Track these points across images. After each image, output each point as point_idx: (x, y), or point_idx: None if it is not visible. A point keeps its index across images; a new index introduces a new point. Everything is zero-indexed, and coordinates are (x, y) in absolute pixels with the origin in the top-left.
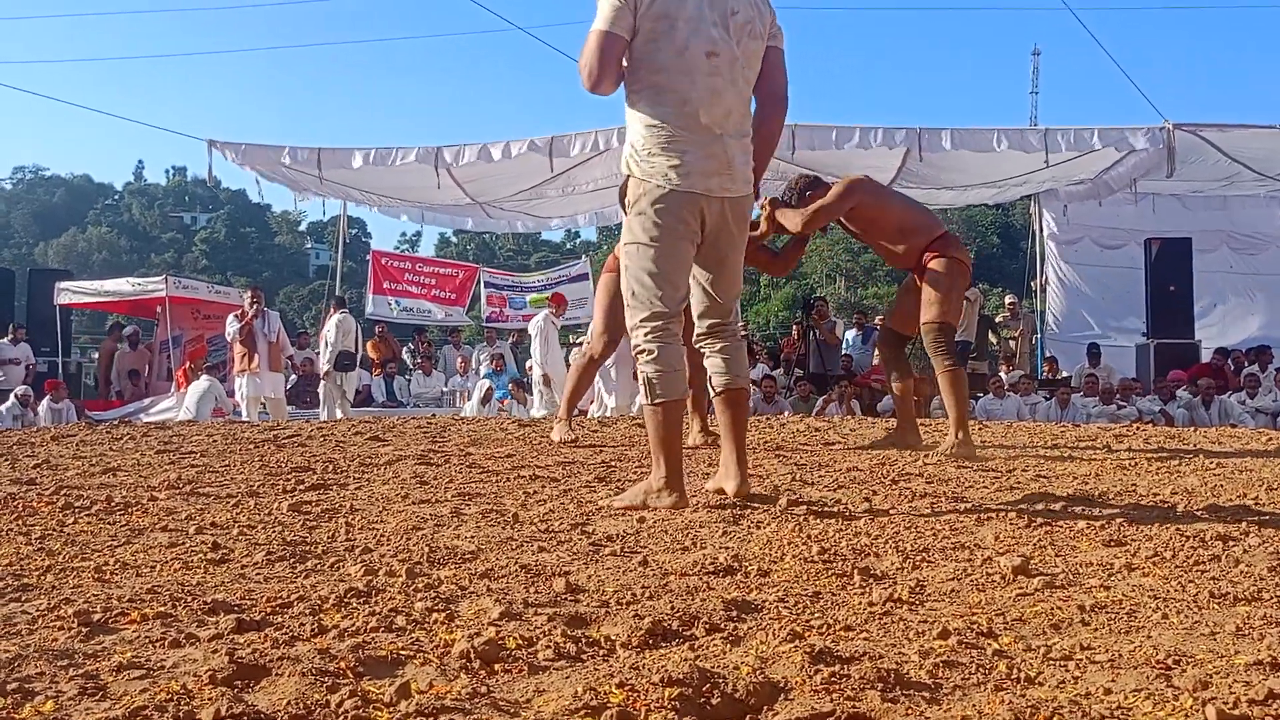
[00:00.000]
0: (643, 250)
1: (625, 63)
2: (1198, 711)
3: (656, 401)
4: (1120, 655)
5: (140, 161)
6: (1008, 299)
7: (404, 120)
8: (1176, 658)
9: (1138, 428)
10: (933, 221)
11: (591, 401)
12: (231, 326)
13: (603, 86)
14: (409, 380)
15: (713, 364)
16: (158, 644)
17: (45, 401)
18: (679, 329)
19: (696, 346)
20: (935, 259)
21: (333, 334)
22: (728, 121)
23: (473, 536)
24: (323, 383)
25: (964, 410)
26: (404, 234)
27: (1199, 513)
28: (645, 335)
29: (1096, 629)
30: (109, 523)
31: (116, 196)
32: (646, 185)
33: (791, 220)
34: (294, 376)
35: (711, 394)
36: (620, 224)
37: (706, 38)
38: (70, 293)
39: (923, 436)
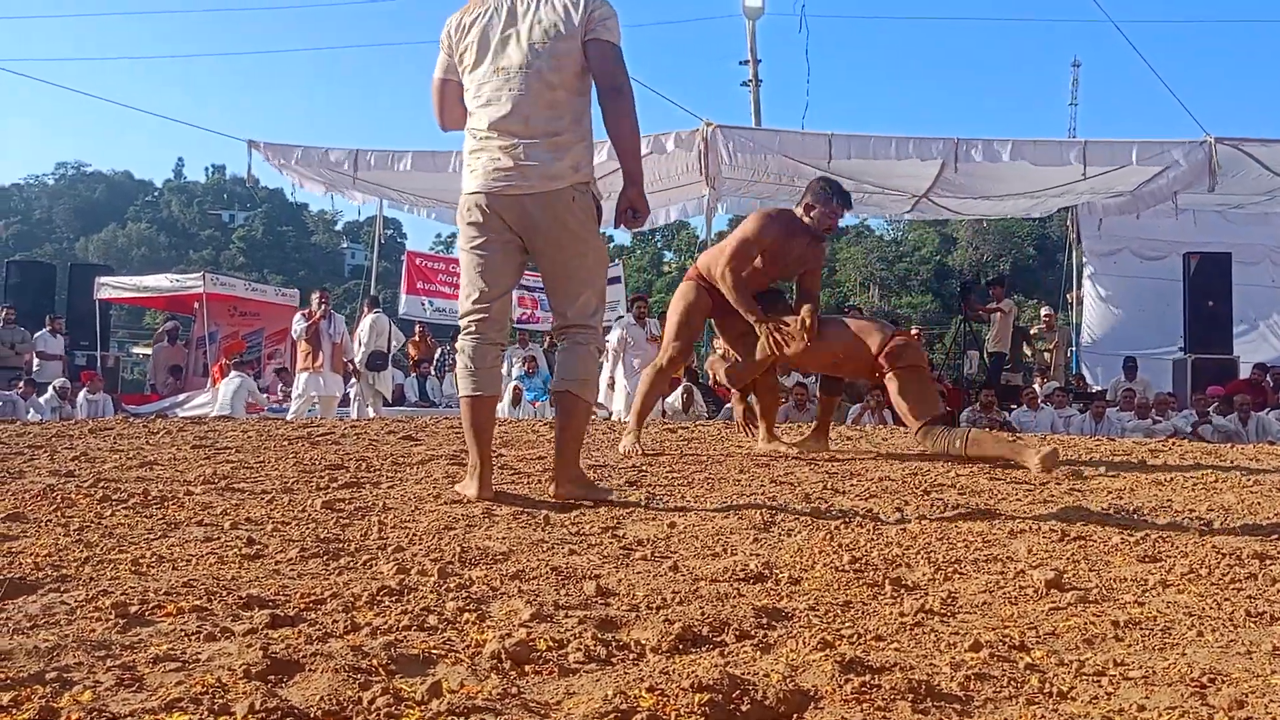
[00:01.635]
0: (459, 255)
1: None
2: None
3: (461, 396)
4: (1154, 672)
5: (180, 159)
6: (1044, 311)
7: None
8: (1211, 676)
9: (1174, 443)
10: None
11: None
12: (298, 325)
13: (442, 123)
14: (441, 381)
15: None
16: (193, 637)
17: (82, 393)
18: (490, 328)
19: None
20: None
21: (366, 334)
22: (525, 127)
23: (504, 537)
24: (356, 382)
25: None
26: (439, 235)
27: (1236, 530)
28: (460, 337)
29: (1130, 645)
30: (146, 516)
31: (156, 193)
32: (460, 197)
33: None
34: (353, 381)
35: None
36: (653, 230)
37: (496, 56)
38: (110, 288)
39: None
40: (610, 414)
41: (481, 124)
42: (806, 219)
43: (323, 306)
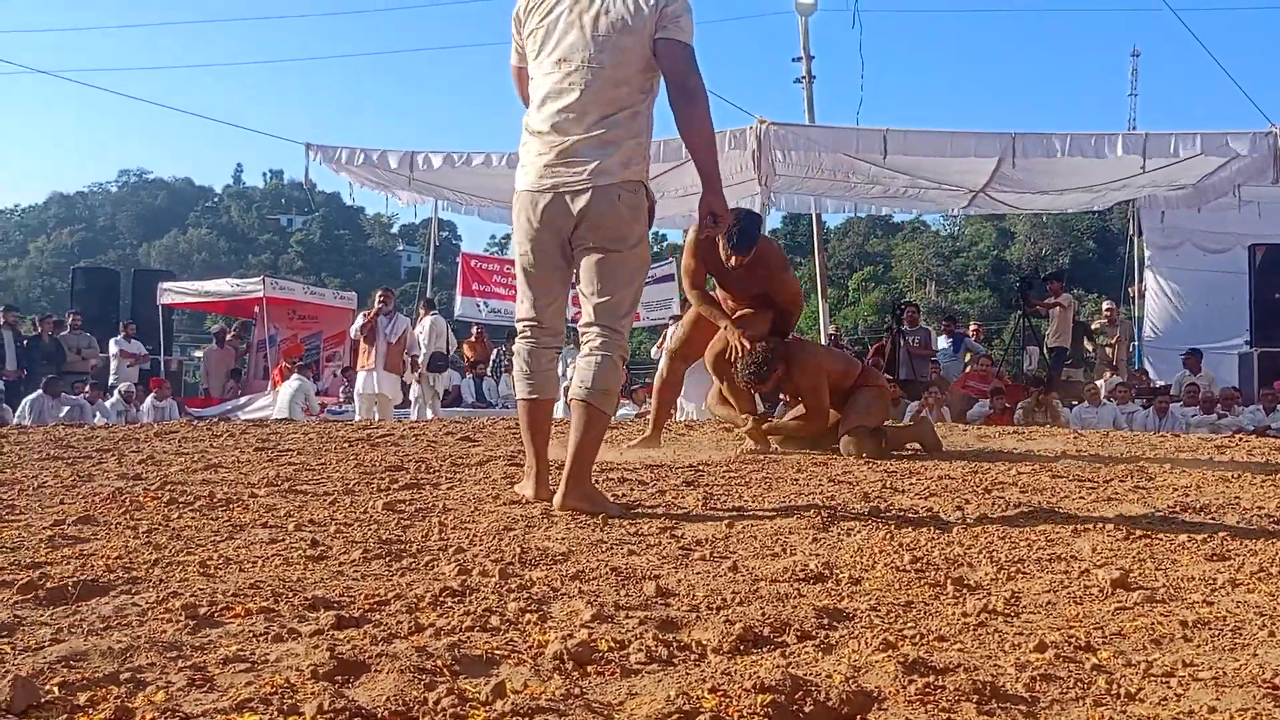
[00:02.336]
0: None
1: None
2: None
3: (518, 398)
4: (1225, 673)
5: (239, 165)
6: (1105, 305)
7: (497, 122)
8: None
9: (1240, 439)
10: None
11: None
12: (356, 323)
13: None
14: (498, 381)
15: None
16: (261, 638)
17: (149, 399)
18: (544, 334)
19: None
20: None
21: (425, 335)
22: (580, 122)
23: (563, 538)
24: (415, 383)
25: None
26: (493, 236)
27: None
28: (517, 338)
29: (1199, 645)
30: (212, 518)
31: (216, 199)
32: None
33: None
34: (415, 381)
35: None
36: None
37: (559, 47)
38: (172, 293)
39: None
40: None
41: (536, 118)
42: None
43: (381, 304)
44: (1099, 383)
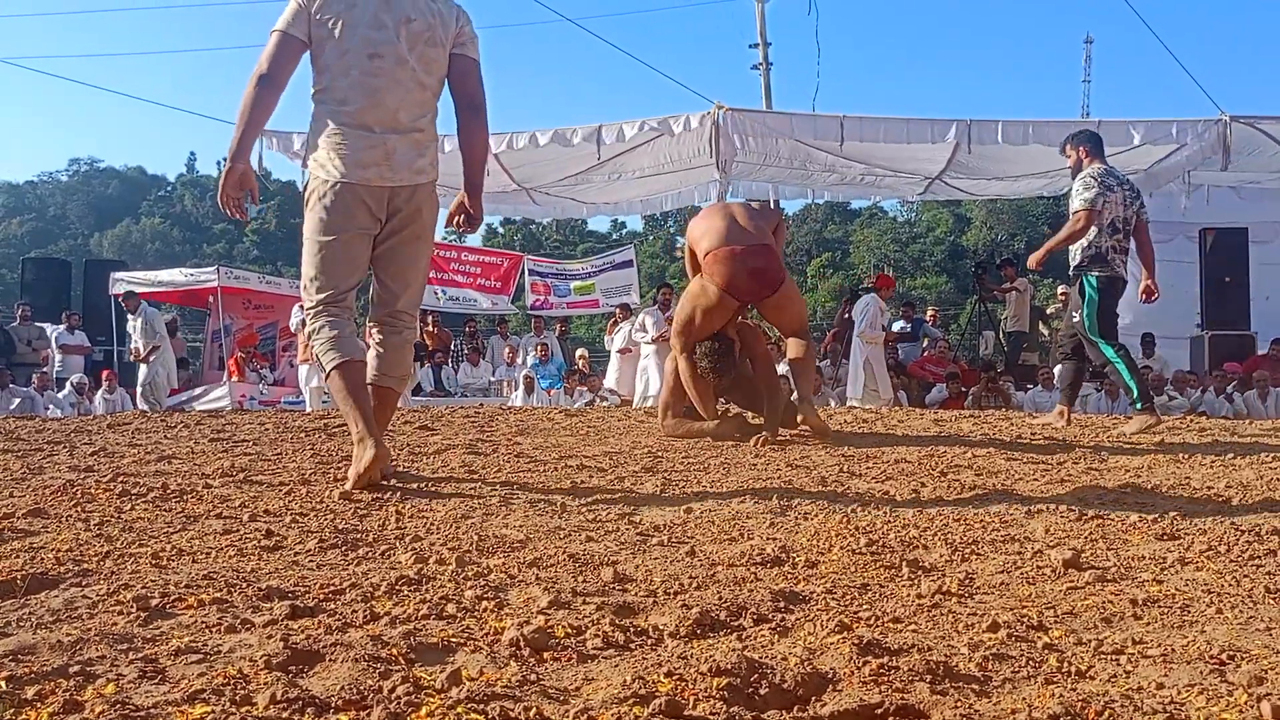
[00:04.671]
0: (310, 242)
1: (313, 64)
2: (1252, 707)
3: (331, 367)
4: (1173, 650)
5: (192, 153)
6: (1060, 289)
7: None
8: (1231, 653)
9: (1191, 420)
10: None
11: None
12: (296, 316)
13: (269, 78)
14: (456, 370)
15: (371, 355)
16: (214, 629)
17: (99, 393)
18: (345, 312)
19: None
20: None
21: None
22: (394, 118)
23: (521, 525)
24: None
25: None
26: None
27: (1255, 506)
28: (313, 318)
29: (1149, 623)
30: (165, 510)
31: (169, 188)
32: (314, 180)
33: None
34: None
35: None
36: (665, 214)
37: (370, 40)
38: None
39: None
40: (627, 400)
41: (350, 107)
42: None
43: None
44: (1057, 371)
